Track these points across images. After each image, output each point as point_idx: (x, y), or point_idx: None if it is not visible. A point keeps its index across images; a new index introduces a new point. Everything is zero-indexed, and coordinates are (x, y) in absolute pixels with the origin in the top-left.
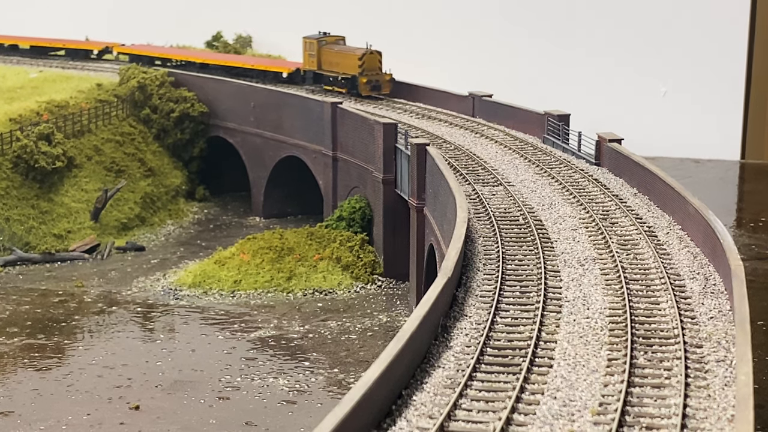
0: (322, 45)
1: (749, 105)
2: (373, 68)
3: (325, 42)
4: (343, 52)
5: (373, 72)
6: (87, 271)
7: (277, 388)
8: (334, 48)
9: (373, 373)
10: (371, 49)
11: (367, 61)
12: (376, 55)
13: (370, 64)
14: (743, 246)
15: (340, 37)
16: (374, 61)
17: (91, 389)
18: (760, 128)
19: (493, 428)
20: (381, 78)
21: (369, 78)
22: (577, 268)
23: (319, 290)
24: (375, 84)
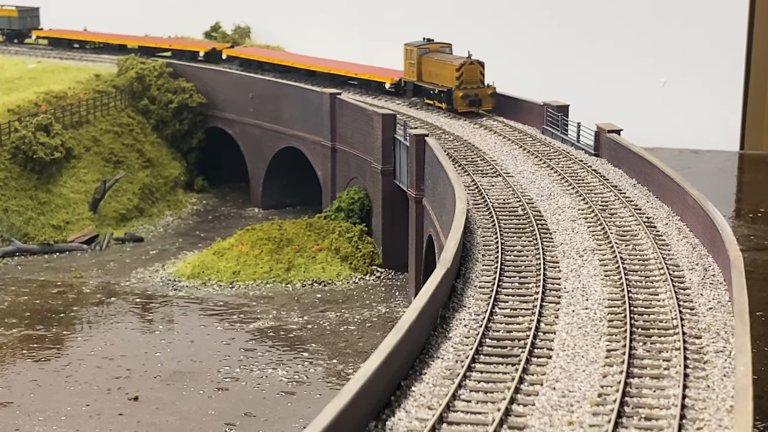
0: (422, 53)
1: (748, 95)
2: (472, 81)
3: (427, 50)
4: (442, 62)
5: (472, 85)
6: (85, 262)
7: (276, 379)
8: (434, 57)
9: (372, 364)
10: (471, 59)
11: (466, 72)
12: (476, 66)
13: (470, 76)
14: (742, 237)
15: (445, 45)
16: (474, 73)
17: (90, 380)
18: (759, 119)
19: (492, 419)
20: (481, 92)
21: (467, 92)
22: (576, 259)
23: (318, 281)
24: (473, 99)
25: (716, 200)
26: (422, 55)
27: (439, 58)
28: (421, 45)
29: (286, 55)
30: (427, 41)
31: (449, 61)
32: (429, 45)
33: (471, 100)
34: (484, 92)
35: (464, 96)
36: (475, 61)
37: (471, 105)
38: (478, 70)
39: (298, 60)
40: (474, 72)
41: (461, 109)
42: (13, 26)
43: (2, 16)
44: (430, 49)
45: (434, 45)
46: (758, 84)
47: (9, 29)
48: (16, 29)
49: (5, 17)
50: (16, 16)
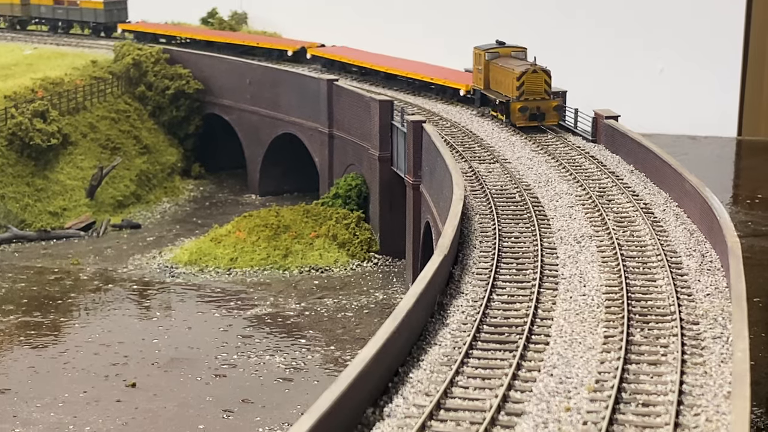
0: (490, 58)
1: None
2: (535, 91)
3: (497, 54)
4: (505, 70)
5: (534, 96)
6: (83, 249)
7: (274, 366)
8: (499, 63)
9: (370, 350)
10: (535, 67)
11: (528, 81)
12: (540, 74)
13: (532, 86)
14: (740, 223)
15: (518, 49)
16: (537, 83)
17: (88, 367)
18: (757, 105)
19: (489, 405)
20: (545, 105)
21: (527, 104)
22: (573, 246)
23: (316, 268)
24: (534, 112)
25: (714, 186)
26: (490, 60)
27: (504, 64)
28: (490, 49)
29: (368, 56)
30: (498, 44)
31: (511, 68)
32: (499, 49)
33: (532, 114)
34: (548, 105)
35: (522, 109)
36: (539, 69)
37: (531, 119)
38: (542, 80)
39: (378, 62)
40: (537, 81)
41: (519, 124)
42: (99, 19)
43: (88, 8)
44: (500, 54)
45: (505, 49)
46: (756, 70)
47: (95, 22)
48: (102, 22)
49: (91, 10)
50: (102, 9)
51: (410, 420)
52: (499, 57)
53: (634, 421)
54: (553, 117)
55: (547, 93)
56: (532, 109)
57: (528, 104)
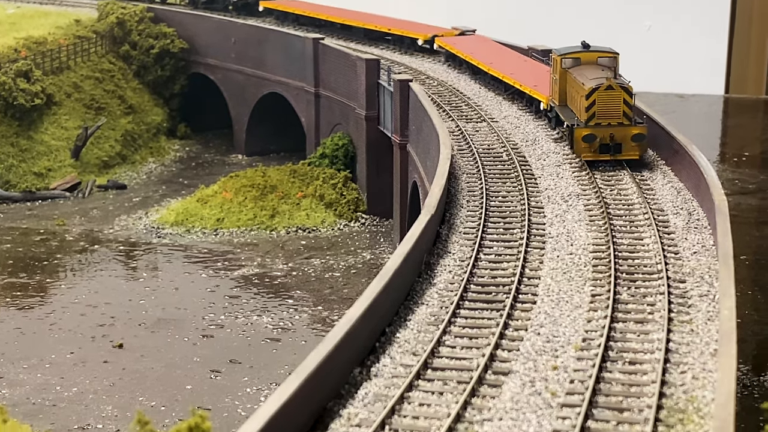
0: (568, 66)
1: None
2: (609, 114)
3: (577, 61)
4: (577, 83)
5: (609, 120)
6: (68, 210)
7: (261, 326)
8: (575, 74)
9: (357, 310)
10: (610, 81)
11: (601, 101)
12: (618, 92)
13: (606, 107)
14: (727, 181)
15: (607, 54)
16: (613, 103)
17: (74, 328)
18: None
19: (476, 365)
20: (621, 133)
21: (596, 131)
22: (560, 204)
23: (303, 228)
24: (606, 143)
25: (701, 144)
26: (568, 68)
27: (580, 75)
28: (568, 53)
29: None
30: (582, 48)
31: (582, 81)
32: (581, 53)
33: (602, 145)
34: (626, 133)
35: (588, 137)
36: (617, 85)
37: (602, 151)
38: (619, 99)
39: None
40: (612, 102)
41: (585, 157)
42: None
43: None
44: (581, 61)
45: (589, 54)
46: (743, 28)
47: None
48: (242, 0)
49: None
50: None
51: (397, 380)
52: (580, 65)
53: (621, 379)
54: (633, 149)
55: (626, 117)
56: (603, 138)
57: (597, 131)
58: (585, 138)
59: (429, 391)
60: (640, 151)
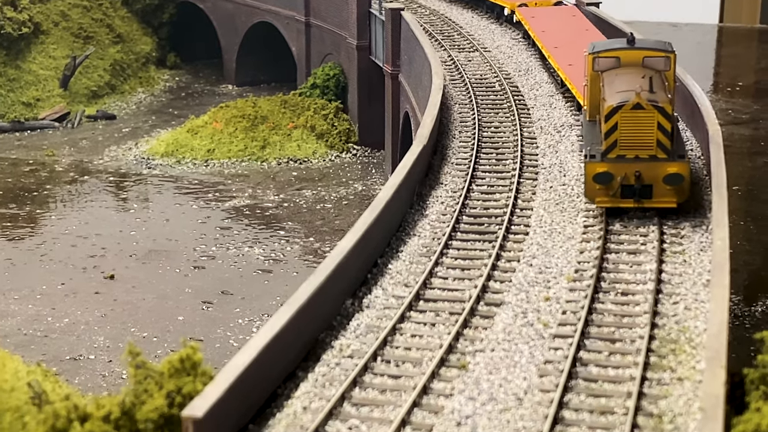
0: (603, 68)
1: None
2: (638, 142)
3: (616, 61)
4: (604, 93)
5: (636, 149)
6: (57, 140)
7: (253, 257)
8: (609, 78)
9: (348, 241)
10: (639, 98)
11: (625, 124)
12: (650, 113)
13: (632, 134)
14: (720, 111)
15: (657, 53)
16: (642, 127)
17: (65, 259)
18: None
19: (468, 296)
20: (652, 170)
21: (615, 166)
22: (553, 135)
23: (294, 159)
24: (629, 183)
25: (695, 74)
26: (601, 71)
27: (610, 83)
28: (604, 51)
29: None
30: (627, 43)
31: (607, 94)
32: (621, 51)
33: (625, 186)
34: (660, 171)
35: (603, 177)
36: (649, 104)
37: (625, 195)
38: (652, 124)
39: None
40: (642, 126)
41: (600, 203)
42: None
43: None
44: (622, 61)
45: (632, 52)
46: None
47: None
48: None
49: None
50: None
51: (389, 311)
52: (618, 67)
53: (613, 310)
54: (668, 195)
55: (662, 149)
56: (625, 177)
57: (616, 167)
58: (598, 177)
59: (421, 323)
60: (677, 197)
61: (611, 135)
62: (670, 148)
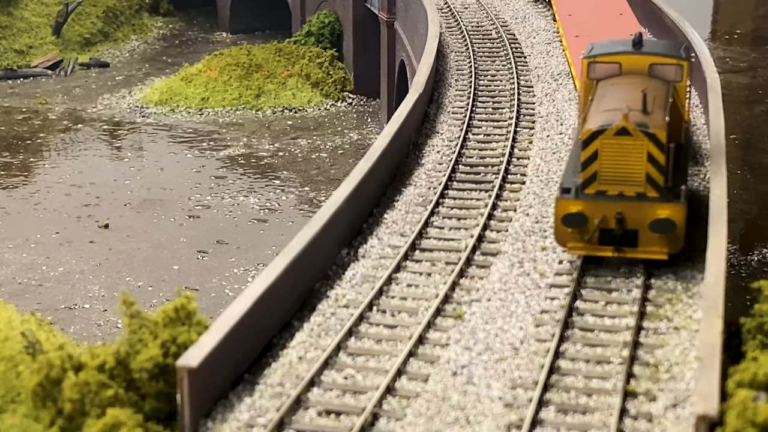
0: (599, 76)
1: None
2: (621, 176)
3: (617, 69)
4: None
5: (619, 185)
6: (50, 88)
7: (248, 207)
8: (601, 90)
9: (344, 191)
10: (626, 122)
11: (606, 153)
12: (639, 141)
13: (616, 160)
14: (718, 59)
15: (666, 59)
16: (627, 158)
17: (59, 208)
18: None
19: (465, 245)
20: (639, 211)
21: (591, 205)
22: (550, 83)
23: (289, 108)
24: (607, 228)
25: (693, 21)
26: (598, 79)
27: (603, 96)
28: (602, 54)
29: None
30: (633, 46)
31: (591, 113)
32: (623, 56)
33: (605, 231)
34: (648, 213)
35: (575, 219)
36: (638, 130)
37: (604, 242)
38: (641, 154)
39: None
40: (627, 157)
41: (573, 250)
42: None
43: None
44: (623, 68)
45: (637, 58)
46: None
47: None
48: None
49: None
50: None
51: (385, 261)
52: (618, 76)
53: (610, 259)
54: (657, 244)
55: (651, 185)
56: (604, 220)
57: (593, 207)
58: (569, 219)
59: (417, 273)
60: (669, 246)
61: (590, 166)
62: (663, 184)
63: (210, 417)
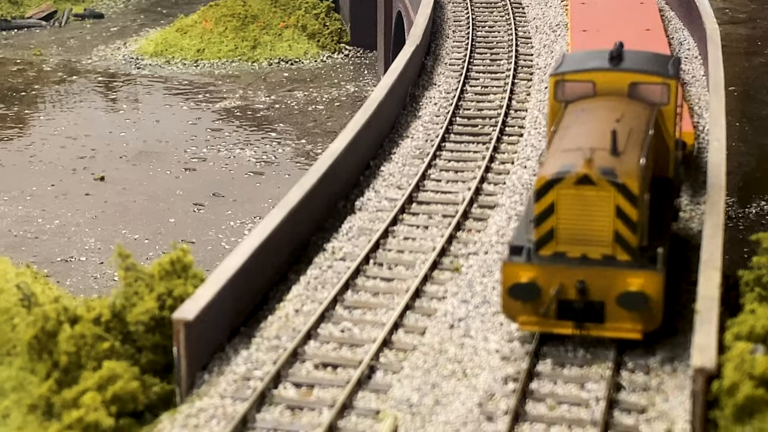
0: (568, 98)
1: None
2: (587, 231)
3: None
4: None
5: (581, 245)
6: (45, 39)
7: (244, 159)
8: (567, 119)
9: (340, 143)
10: (589, 168)
11: (565, 203)
12: (605, 192)
13: (576, 215)
14: (717, 10)
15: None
16: (594, 209)
17: (55, 160)
18: None
19: (462, 198)
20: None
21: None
22: (549, 34)
23: (285, 59)
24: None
25: None
26: (566, 102)
27: (568, 128)
28: (571, 72)
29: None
30: (610, 60)
31: (551, 153)
32: (598, 73)
33: (563, 303)
34: (616, 282)
35: (524, 290)
36: (603, 179)
37: (562, 315)
38: (609, 206)
39: None
40: (594, 208)
41: (524, 326)
42: None
43: None
44: (597, 88)
45: (614, 75)
46: None
47: None
48: None
49: None
50: None
51: (382, 213)
52: (591, 99)
53: None
54: (627, 320)
55: (622, 246)
56: (561, 289)
57: (550, 272)
58: (516, 291)
59: (414, 225)
60: (643, 323)
61: (545, 221)
62: (635, 245)
63: (206, 370)
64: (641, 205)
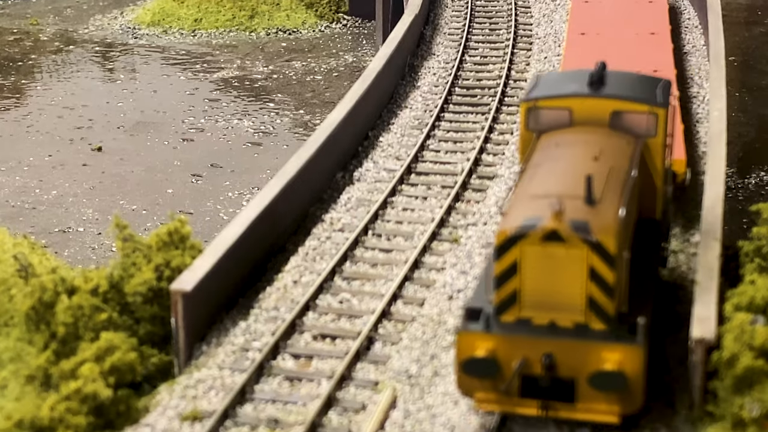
0: (539, 126)
1: None
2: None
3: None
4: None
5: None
6: (41, 9)
7: (242, 130)
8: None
9: (339, 114)
10: (558, 222)
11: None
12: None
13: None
14: None
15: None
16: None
17: (52, 130)
18: None
19: (461, 169)
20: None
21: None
22: (548, 4)
23: (283, 29)
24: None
25: None
26: (538, 132)
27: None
28: (546, 98)
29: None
30: (590, 84)
31: (516, 200)
32: (576, 99)
33: (527, 379)
34: (588, 357)
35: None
36: (575, 235)
37: (526, 393)
38: (581, 266)
39: None
40: (564, 269)
41: (480, 404)
42: None
43: None
44: (574, 118)
45: (594, 102)
46: None
47: None
48: None
49: None
50: None
51: (380, 184)
52: (566, 129)
53: None
54: (602, 401)
55: (597, 313)
56: (525, 363)
57: (512, 343)
58: (471, 367)
59: (413, 196)
60: (621, 405)
61: (507, 282)
62: (612, 312)
63: (204, 341)
64: (619, 265)
